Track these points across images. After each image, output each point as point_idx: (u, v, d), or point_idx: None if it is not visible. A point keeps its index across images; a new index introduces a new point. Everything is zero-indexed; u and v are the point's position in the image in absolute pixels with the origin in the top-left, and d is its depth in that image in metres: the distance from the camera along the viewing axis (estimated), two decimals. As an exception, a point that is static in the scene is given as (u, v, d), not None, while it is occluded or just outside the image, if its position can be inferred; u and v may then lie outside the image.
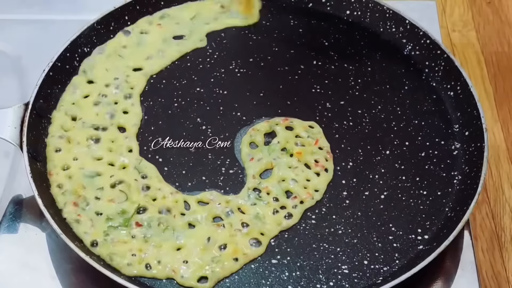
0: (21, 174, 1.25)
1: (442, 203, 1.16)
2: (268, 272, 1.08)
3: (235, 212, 1.13)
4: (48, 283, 1.14)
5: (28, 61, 1.44)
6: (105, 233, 1.11)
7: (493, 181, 1.33)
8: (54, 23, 1.52)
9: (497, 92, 1.47)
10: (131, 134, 1.24)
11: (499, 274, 1.21)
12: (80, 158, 1.20)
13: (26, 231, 1.20)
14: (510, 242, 1.25)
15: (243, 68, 1.35)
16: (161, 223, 1.11)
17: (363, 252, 1.10)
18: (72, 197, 1.15)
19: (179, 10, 1.41)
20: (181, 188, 1.17)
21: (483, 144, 1.17)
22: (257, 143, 1.23)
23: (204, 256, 1.08)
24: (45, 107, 1.25)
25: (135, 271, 1.07)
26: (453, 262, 1.18)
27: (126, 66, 1.33)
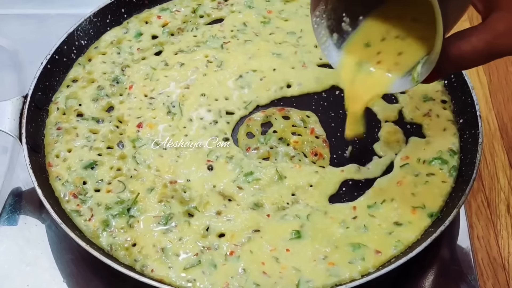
0: (20, 167, 1.27)
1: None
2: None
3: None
4: (49, 273, 1.16)
5: (26, 55, 1.46)
6: (105, 223, 1.12)
7: (488, 170, 1.33)
8: (51, 17, 1.54)
9: (491, 82, 1.47)
10: (130, 125, 1.25)
11: (495, 261, 1.22)
12: (78, 149, 1.21)
13: (26, 223, 1.21)
14: (505, 229, 1.25)
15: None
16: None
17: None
18: (71, 188, 1.16)
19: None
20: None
21: (478, 131, 1.18)
22: (254, 133, 1.24)
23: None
24: (43, 99, 1.26)
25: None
26: (450, 249, 1.19)
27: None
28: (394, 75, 1.04)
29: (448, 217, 1.07)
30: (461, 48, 0.90)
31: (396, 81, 1.04)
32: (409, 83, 1.01)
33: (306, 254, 1.09)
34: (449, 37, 0.93)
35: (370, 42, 1.07)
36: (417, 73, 0.99)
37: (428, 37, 1.00)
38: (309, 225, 1.12)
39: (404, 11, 1.06)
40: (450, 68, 0.96)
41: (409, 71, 1.02)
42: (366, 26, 1.08)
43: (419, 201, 1.14)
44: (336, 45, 1.09)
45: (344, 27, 1.09)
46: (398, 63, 1.04)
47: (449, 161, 1.19)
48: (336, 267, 1.07)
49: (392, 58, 1.04)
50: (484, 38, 0.89)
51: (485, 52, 0.90)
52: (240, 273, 1.07)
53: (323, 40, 1.09)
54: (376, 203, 1.14)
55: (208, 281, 1.06)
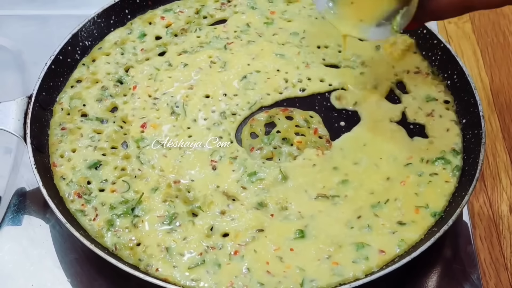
0: (24, 167, 1.27)
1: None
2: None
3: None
4: (53, 273, 1.16)
5: (29, 56, 1.46)
6: (109, 222, 1.12)
7: (490, 170, 1.34)
8: (54, 18, 1.54)
9: (493, 82, 1.47)
10: (134, 125, 1.25)
11: (497, 261, 1.22)
12: (83, 149, 1.21)
13: (30, 222, 1.21)
14: (507, 229, 1.26)
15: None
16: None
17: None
18: (76, 188, 1.16)
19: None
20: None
21: (481, 131, 1.18)
22: (257, 133, 1.25)
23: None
24: (47, 99, 1.26)
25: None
26: (453, 249, 1.20)
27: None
28: (366, 23, 1.12)
29: (451, 217, 1.08)
30: (438, 2, 0.97)
31: (372, 29, 1.12)
32: (388, 32, 1.10)
33: (310, 253, 1.09)
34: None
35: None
36: (397, 24, 1.06)
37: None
38: (313, 224, 1.12)
39: None
40: (427, 18, 1.03)
41: (385, 21, 1.09)
42: None
43: (423, 201, 1.14)
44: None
45: None
46: (371, 12, 1.12)
47: (452, 161, 1.19)
48: (340, 266, 1.07)
49: (368, 9, 1.12)
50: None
51: (459, 5, 0.97)
52: (244, 273, 1.07)
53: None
54: (379, 202, 1.14)
55: (212, 280, 1.06)
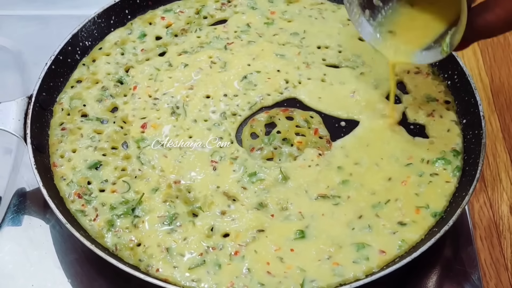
0: (24, 167, 1.27)
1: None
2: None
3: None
4: (53, 273, 1.16)
5: (30, 56, 1.46)
6: (110, 222, 1.12)
7: (491, 171, 1.34)
8: (54, 18, 1.54)
9: (494, 82, 1.47)
10: (134, 126, 1.25)
11: (497, 261, 1.22)
12: (83, 149, 1.21)
13: (30, 223, 1.21)
14: (508, 230, 1.25)
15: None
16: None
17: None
18: (76, 188, 1.16)
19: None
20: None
21: (481, 131, 1.18)
22: (257, 133, 1.25)
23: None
24: (47, 99, 1.26)
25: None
26: (453, 249, 1.20)
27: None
28: (416, 48, 1.14)
29: (452, 217, 1.08)
30: (487, 19, 0.97)
31: (422, 53, 1.13)
32: (439, 54, 1.10)
33: (310, 254, 1.09)
34: (474, 9, 0.99)
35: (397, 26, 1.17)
36: (446, 45, 1.07)
37: (445, 11, 1.09)
38: (314, 225, 1.12)
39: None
40: (476, 37, 1.03)
41: (434, 43, 1.11)
42: (395, 11, 1.16)
43: (423, 201, 1.14)
44: (369, 21, 1.17)
45: (376, 3, 1.16)
46: (420, 37, 1.14)
47: (453, 161, 1.19)
48: (341, 266, 1.07)
49: (417, 35, 1.14)
50: (506, 8, 0.95)
51: (509, 20, 0.96)
52: (245, 273, 1.07)
53: (356, 18, 1.17)
54: (380, 203, 1.14)
55: (212, 280, 1.06)
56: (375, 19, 1.17)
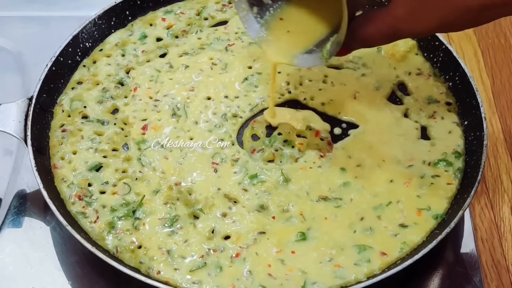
0: (25, 169, 1.27)
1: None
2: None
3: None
4: (53, 275, 1.16)
5: (30, 57, 1.45)
6: (110, 225, 1.12)
7: (492, 172, 1.33)
8: (55, 19, 1.54)
9: (495, 84, 1.47)
10: (135, 127, 1.25)
11: (498, 263, 1.22)
12: (84, 151, 1.21)
13: (31, 225, 1.21)
14: (509, 231, 1.25)
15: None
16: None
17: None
18: (77, 190, 1.16)
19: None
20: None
21: (483, 133, 1.18)
22: (258, 135, 1.25)
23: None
24: (48, 101, 1.26)
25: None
26: (454, 251, 1.20)
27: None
28: (297, 51, 1.14)
29: (453, 219, 1.08)
30: (368, 31, 0.99)
31: (302, 56, 1.13)
32: (318, 60, 1.10)
33: (311, 256, 1.09)
34: (357, 19, 1.01)
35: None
36: (327, 51, 1.07)
37: (329, 16, 1.10)
38: (315, 227, 1.12)
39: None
40: (357, 45, 1.05)
41: (316, 48, 1.11)
42: (282, 11, 1.16)
43: (425, 203, 1.14)
44: (256, 18, 1.16)
45: (264, 0, 1.15)
46: (302, 40, 1.14)
47: (454, 163, 1.19)
48: (342, 269, 1.07)
49: (299, 37, 1.14)
50: (387, 22, 0.97)
51: (389, 34, 0.99)
52: (246, 275, 1.07)
53: (244, 14, 1.16)
54: (382, 205, 1.14)
55: (214, 283, 1.06)
56: (263, 17, 1.16)
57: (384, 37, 1.00)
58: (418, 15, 0.94)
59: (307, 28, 1.13)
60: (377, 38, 1.00)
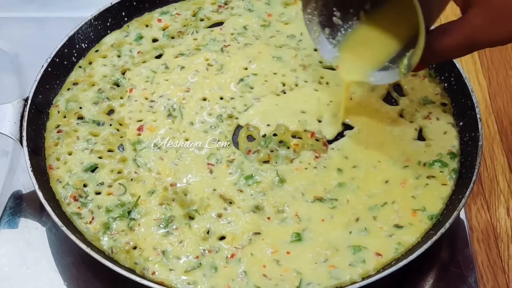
0: (20, 170, 1.27)
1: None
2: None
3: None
4: (49, 276, 1.16)
5: (26, 58, 1.46)
6: (106, 225, 1.12)
7: (488, 173, 1.33)
8: (51, 20, 1.54)
9: (491, 85, 1.47)
10: (130, 128, 1.25)
11: (494, 263, 1.22)
12: (79, 152, 1.21)
13: (27, 225, 1.21)
14: (505, 232, 1.25)
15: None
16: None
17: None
18: (72, 191, 1.16)
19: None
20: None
21: (478, 134, 1.18)
22: (254, 136, 1.25)
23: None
24: (44, 102, 1.26)
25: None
26: (450, 252, 1.19)
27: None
28: (372, 68, 1.15)
29: (448, 220, 1.08)
30: (444, 43, 0.98)
31: (378, 73, 1.14)
32: (396, 75, 1.10)
33: (307, 256, 1.09)
34: (432, 32, 1.00)
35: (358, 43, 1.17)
36: (404, 66, 1.07)
37: (401, 32, 1.10)
38: (310, 227, 1.12)
39: (389, 11, 1.13)
40: (433, 59, 1.05)
41: (392, 64, 1.12)
42: (354, 30, 1.17)
43: (420, 204, 1.14)
44: (328, 39, 1.18)
45: (335, 21, 1.17)
46: (376, 57, 1.14)
47: (450, 164, 1.19)
48: (337, 269, 1.07)
49: (370, 53, 1.15)
50: (464, 33, 0.96)
51: (465, 45, 0.97)
52: (241, 276, 1.07)
53: (316, 35, 1.18)
54: (377, 205, 1.14)
55: (209, 283, 1.06)
56: (335, 38, 1.18)
57: (461, 48, 0.99)
58: (496, 24, 0.93)
59: (380, 45, 1.14)
60: (454, 50, 0.99)
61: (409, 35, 1.08)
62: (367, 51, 1.16)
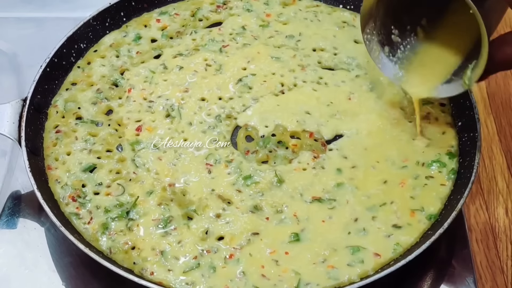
0: (19, 170, 1.27)
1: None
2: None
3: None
4: (48, 276, 1.16)
5: (25, 58, 1.45)
6: (104, 226, 1.12)
7: (487, 173, 1.33)
8: (49, 20, 1.54)
9: (489, 85, 1.47)
10: (129, 128, 1.25)
11: (493, 264, 1.22)
12: (78, 152, 1.21)
13: (25, 226, 1.21)
14: (504, 232, 1.25)
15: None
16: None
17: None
18: (71, 191, 1.16)
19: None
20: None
21: (476, 134, 1.18)
22: (252, 136, 1.25)
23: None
24: (42, 102, 1.26)
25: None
26: (448, 252, 1.19)
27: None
28: (437, 83, 1.16)
29: (447, 220, 1.08)
30: (506, 52, 0.99)
31: (442, 87, 1.15)
32: (460, 87, 1.12)
33: (305, 257, 1.09)
34: (493, 43, 1.01)
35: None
36: (468, 78, 1.08)
37: (461, 44, 1.12)
38: (309, 228, 1.12)
39: (446, 24, 1.15)
40: (496, 69, 1.05)
41: (455, 76, 1.13)
42: (413, 46, 1.19)
43: (418, 204, 1.14)
44: (388, 57, 1.20)
45: (394, 39, 1.19)
46: (439, 71, 1.16)
47: (448, 164, 1.19)
48: (336, 269, 1.07)
49: (433, 69, 1.17)
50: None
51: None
52: (240, 276, 1.07)
53: (376, 54, 1.20)
54: (375, 206, 1.14)
55: (207, 284, 1.06)
56: (395, 55, 1.20)
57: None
58: None
59: (441, 60, 1.16)
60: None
61: (468, 47, 1.10)
62: (429, 67, 1.18)
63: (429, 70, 1.18)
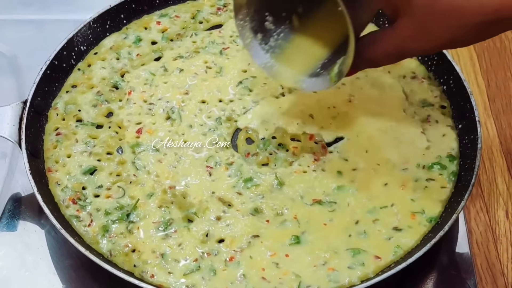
0: (19, 172, 1.27)
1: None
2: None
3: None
4: (48, 279, 1.16)
5: (25, 60, 1.45)
6: (104, 228, 1.12)
7: (487, 175, 1.33)
8: (49, 23, 1.54)
9: (490, 87, 1.47)
10: (129, 131, 1.25)
11: (493, 266, 1.22)
12: (78, 154, 1.21)
13: (25, 228, 1.21)
14: (504, 235, 1.25)
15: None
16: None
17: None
18: (71, 194, 1.16)
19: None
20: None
21: (477, 136, 1.18)
22: (253, 138, 1.25)
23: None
24: (42, 104, 1.26)
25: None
26: (449, 254, 1.19)
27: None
28: (301, 74, 1.14)
29: (447, 222, 1.08)
30: (374, 51, 0.99)
31: (309, 80, 1.13)
32: (327, 82, 1.09)
33: (305, 259, 1.09)
34: (362, 40, 1.01)
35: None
36: (335, 74, 1.06)
37: (335, 38, 1.09)
38: (309, 230, 1.12)
39: (321, 17, 1.12)
40: (364, 66, 1.06)
41: (323, 70, 1.10)
42: (286, 36, 1.16)
43: (419, 206, 1.14)
44: (261, 44, 1.16)
45: (268, 26, 1.15)
46: (307, 63, 1.13)
47: (449, 167, 1.19)
48: (336, 272, 1.07)
49: (300, 59, 1.14)
50: (393, 42, 0.97)
51: (395, 54, 0.99)
52: (240, 279, 1.07)
53: (248, 41, 1.16)
54: (376, 208, 1.14)
55: (208, 286, 1.06)
56: (267, 43, 1.16)
57: (391, 57, 1.01)
58: (424, 34, 0.93)
59: (310, 51, 1.13)
60: (385, 59, 1.01)
61: (339, 41, 1.08)
62: (297, 57, 1.15)
63: (297, 61, 1.15)
